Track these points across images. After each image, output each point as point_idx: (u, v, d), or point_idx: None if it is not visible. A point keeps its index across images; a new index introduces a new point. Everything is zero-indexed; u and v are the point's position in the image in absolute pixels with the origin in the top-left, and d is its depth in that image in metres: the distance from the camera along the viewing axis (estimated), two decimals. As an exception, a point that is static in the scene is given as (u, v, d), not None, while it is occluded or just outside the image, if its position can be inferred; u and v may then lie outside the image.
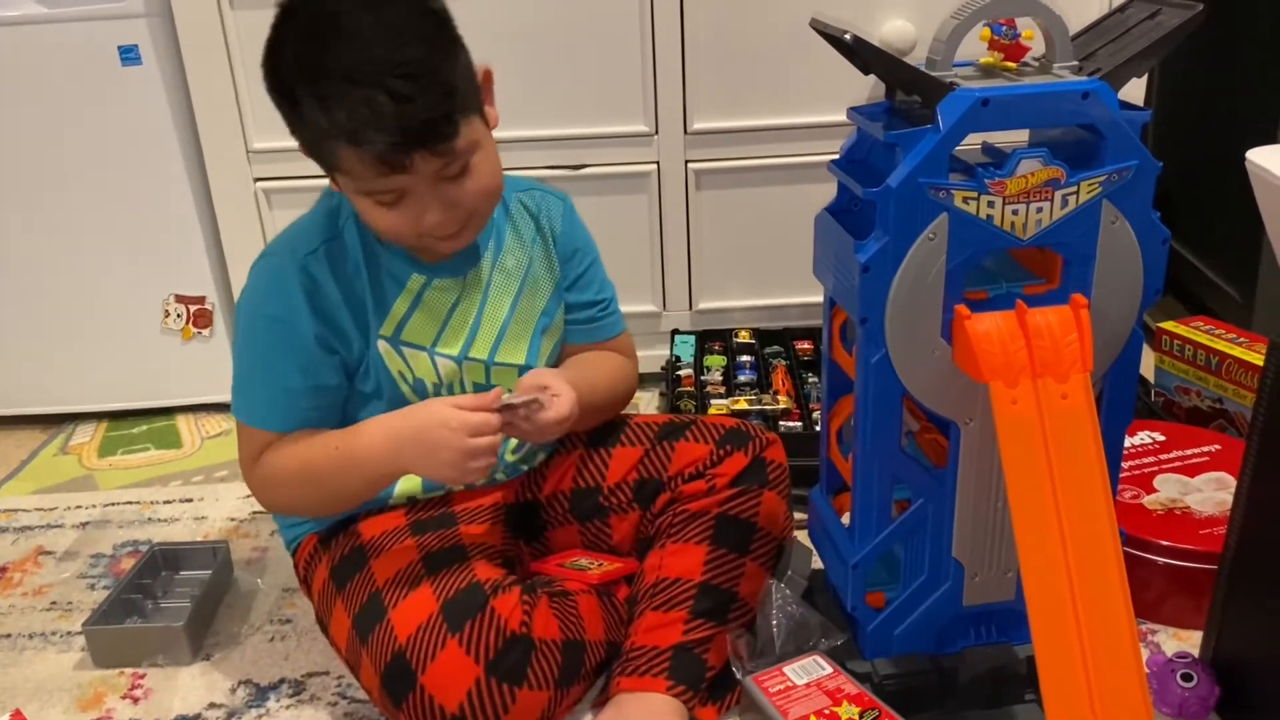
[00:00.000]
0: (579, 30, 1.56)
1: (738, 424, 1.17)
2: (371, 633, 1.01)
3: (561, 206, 1.19)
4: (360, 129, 0.92)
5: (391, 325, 1.09)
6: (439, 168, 0.97)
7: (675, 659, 1.04)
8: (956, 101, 0.87)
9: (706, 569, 1.08)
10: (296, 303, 1.04)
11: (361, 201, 1.00)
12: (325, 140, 0.95)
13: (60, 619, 1.31)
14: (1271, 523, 0.97)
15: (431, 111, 0.93)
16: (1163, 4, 0.96)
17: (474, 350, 1.13)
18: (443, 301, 1.11)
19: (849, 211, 1.00)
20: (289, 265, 1.05)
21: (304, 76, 0.94)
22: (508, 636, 0.98)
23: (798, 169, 1.64)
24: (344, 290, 1.06)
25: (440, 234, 1.02)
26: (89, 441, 1.76)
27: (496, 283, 1.14)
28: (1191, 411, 1.51)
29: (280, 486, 1.09)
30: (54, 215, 1.66)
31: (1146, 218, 0.92)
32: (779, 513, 1.14)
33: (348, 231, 1.07)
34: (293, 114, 0.97)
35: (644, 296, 1.74)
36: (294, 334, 1.05)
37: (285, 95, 0.96)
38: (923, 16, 1.55)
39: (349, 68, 0.92)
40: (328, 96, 0.92)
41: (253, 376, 1.08)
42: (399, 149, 0.93)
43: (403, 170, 0.95)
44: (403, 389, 1.10)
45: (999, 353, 0.88)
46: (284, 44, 0.96)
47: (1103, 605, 0.86)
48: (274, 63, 0.96)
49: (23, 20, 1.56)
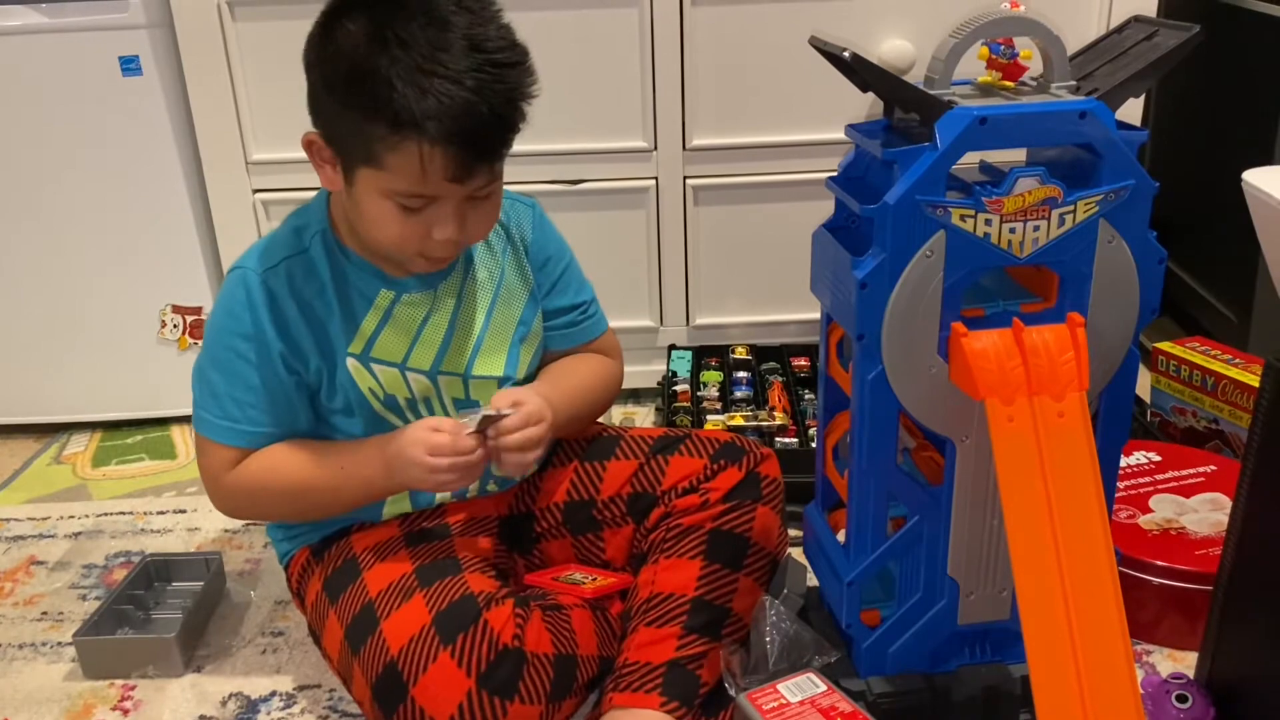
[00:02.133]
0: (579, 45, 1.57)
1: (732, 438, 1.16)
2: (364, 644, 1.00)
3: (531, 213, 1.18)
4: (453, 128, 0.92)
5: (361, 342, 1.08)
6: (479, 186, 0.99)
7: (668, 675, 1.04)
8: (954, 120, 0.87)
9: (700, 584, 1.07)
10: (257, 319, 1.04)
11: (379, 204, 0.99)
12: (396, 128, 0.93)
13: (51, 629, 1.30)
14: (1267, 544, 0.97)
15: (509, 131, 0.97)
16: (1160, 25, 0.96)
17: (448, 364, 1.12)
18: (413, 316, 1.10)
19: (847, 228, 1.00)
20: (250, 281, 1.05)
21: (408, 59, 0.92)
22: (500, 649, 0.98)
23: (796, 186, 1.64)
24: (304, 309, 1.05)
25: (441, 252, 1.03)
26: (83, 451, 1.75)
27: (469, 295, 1.13)
28: (1187, 432, 1.51)
29: (265, 497, 1.09)
30: (52, 224, 1.66)
31: (1143, 237, 0.93)
32: (773, 528, 1.13)
33: (314, 248, 1.07)
34: (362, 93, 0.93)
35: (641, 311, 1.74)
36: (255, 350, 1.05)
37: (365, 71, 0.92)
38: (921, 36, 1.56)
39: (460, 68, 0.92)
40: (430, 87, 0.91)
41: (215, 391, 1.07)
42: (475, 156, 0.95)
43: (464, 178, 0.96)
44: (374, 406, 1.10)
45: (995, 370, 0.88)
46: (379, 21, 0.93)
47: (1098, 625, 0.86)
48: (359, 36, 0.94)
49: (24, 30, 1.56)
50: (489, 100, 0.93)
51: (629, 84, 1.59)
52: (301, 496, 1.09)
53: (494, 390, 1.12)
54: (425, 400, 1.12)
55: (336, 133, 0.99)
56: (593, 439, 1.21)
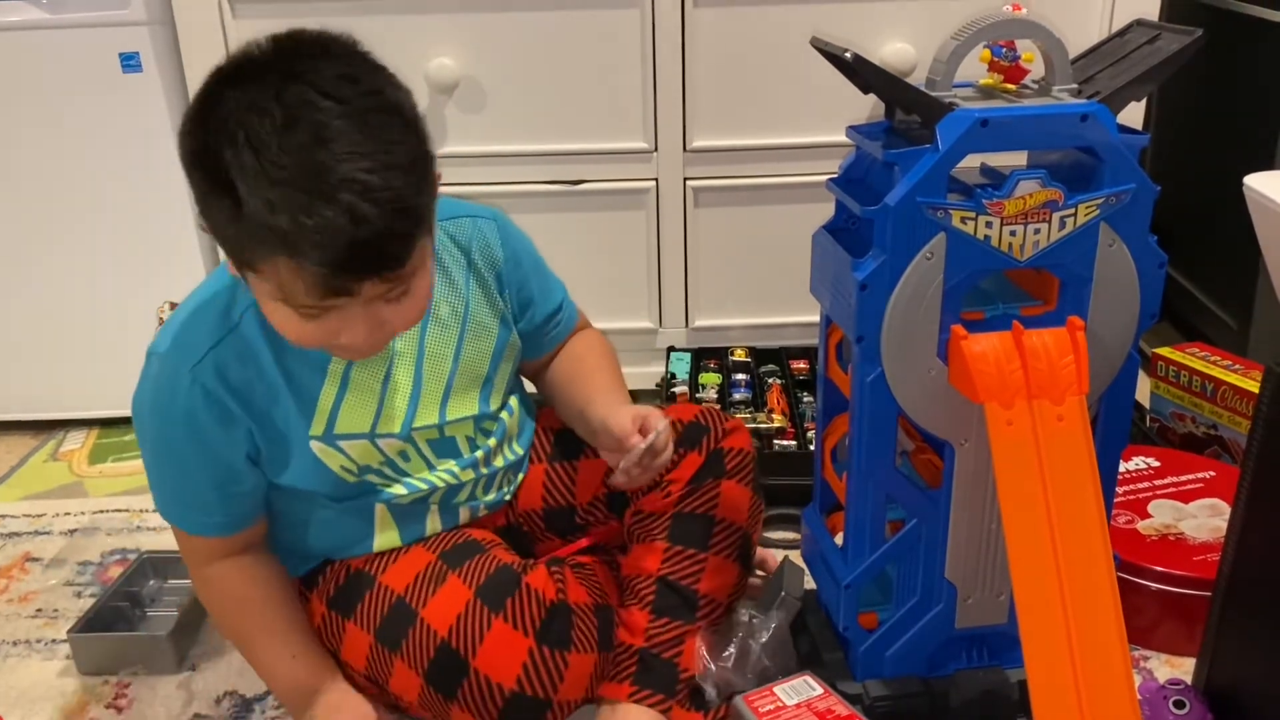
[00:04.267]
0: (580, 45, 1.57)
1: (696, 415, 1.10)
2: (405, 638, 0.99)
3: (495, 227, 1.06)
4: (308, 245, 0.77)
5: (321, 423, 0.98)
6: (383, 292, 0.84)
7: (641, 664, 1.03)
8: (956, 122, 0.87)
9: (664, 565, 1.06)
10: (188, 418, 0.94)
11: (275, 308, 0.85)
12: (256, 242, 0.79)
13: (46, 626, 1.30)
14: (1266, 550, 0.96)
15: (393, 239, 0.80)
16: (1162, 29, 0.96)
17: (420, 419, 1.02)
18: (372, 377, 0.99)
19: (847, 230, 1.00)
20: (180, 383, 0.93)
21: (252, 167, 0.76)
22: (548, 606, 0.99)
23: (796, 188, 1.64)
24: (240, 400, 0.94)
25: (358, 355, 0.93)
26: (79, 448, 1.75)
27: (431, 340, 1.02)
28: (1186, 438, 1.50)
29: (218, 609, 1.08)
30: (50, 220, 1.66)
31: (1143, 241, 0.92)
32: (741, 501, 1.09)
33: (245, 325, 0.94)
34: (218, 201, 0.79)
35: (640, 313, 1.74)
36: (190, 446, 0.96)
37: (217, 180, 0.78)
38: (923, 39, 1.56)
39: (311, 172, 0.76)
40: (278, 200, 0.76)
41: (173, 489, 1.00)
42: (347, 274, 0.79)
43: (345, 294, 0.81)
44: (349, 481, 1.02)
45: (995, 373, 0.88)
46: (229, 117, 0.78)
47: (1096, 630, 0.85)
48: (210, 133, 0.78)
49: (24, 25, 1.56)
50: (351, 208, 0.76)
51: (630, 85, 1.59)
52: (241, 639, 1.08)
53: (470, 428, 1.06)
54: (402, 454, 1.04)
55: (214, 228, 0.82)
56: (559, 430, 1.16)
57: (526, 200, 1.61)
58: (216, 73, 0.82)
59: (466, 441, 1.08)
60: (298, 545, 1.07)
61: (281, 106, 0.77)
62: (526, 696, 0.97)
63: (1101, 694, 0.85)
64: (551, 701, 0.99)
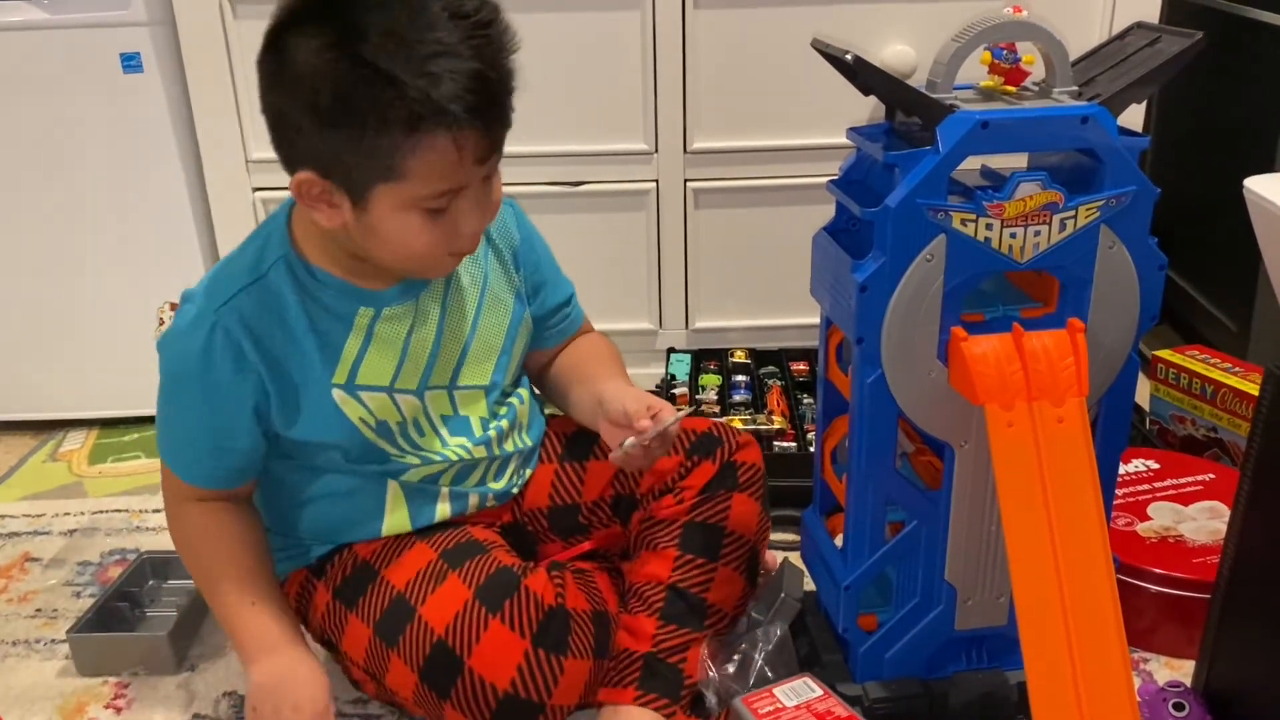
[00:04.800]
0: (581, 47, 1.57)
1: (710, 427, 1.12)
2: (402, 634, 0.99)
3: (512, 213, 1.13)
4: (475, 103, 0.87)
5: (345, 371, 1.01)
6: (494, 162, 0.95)
7: (646, 668, 1.03)
8: (956, 124, 0.87)
9: (675, 572, 1.07)
10: (206, 363, 0.98)
11: (401, 219, 0.92)
12: (414, 127, 0.86)
13: (45, 626, 1.30)
14: (1265, 553, 0.96)
15: (512, 92, 0.93)
16: (1163, 32, 0.96)
17: (434, 379, 1.06)
18: (396, 332, 1.03)
19: (847, 231, 1.00)
20: (203, 325, 0.97)
21: (401, 50, 0.85)
22: (546, 609, 0.99)
23: (797, 190, 1.64)
24: (260, 345, 0.98)
25: (470, 245, 0.98)
26: (79, 449, 1.75)
27: (454, 303, 1.07)
28: (1186, 440, 1.50)
29: (184, 544, 1.08)
30: (50, 220, 1.66)
31: (1144, 243, 0.92)
32: (751, 514, 1.10)
33: (274, 274, 0.99)
34: (360, 107, 0.86)
35: (640, 314, 1.74)
36: (201, 394, 0.99)
37: (357, 81, 0.85)
38: (924, 41, 1.56)
39: (454, 41, 0.86)
40: (439, 69, 0.85)
41: (168, 422, 1.04)
42: (497, 126, 0.91)
43: (489, 154, 0.92)
44: (365, 433, 1.04)
45: (995, 375, 0.88)
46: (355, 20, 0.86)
47: (1095, 632, 0.85)
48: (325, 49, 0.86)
49: (25, 25, 1.56)
50: (492, 64, 0.89)
51: (630, 86, 1.59)
52: (204, 580, 1.07)
53: (481, 399, 1.10)
54: (415, 422, 1.06)
55: (336, 161, 0.89)
56: (571, 434, 1.18)
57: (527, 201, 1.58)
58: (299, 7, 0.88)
59: (479, 422, 1.10)
60: (309, 524, 1.09)
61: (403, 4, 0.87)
62: (519, 699, 0.97)
63: (1101, 696, 0.85)
64: (545, 705, 0.98)
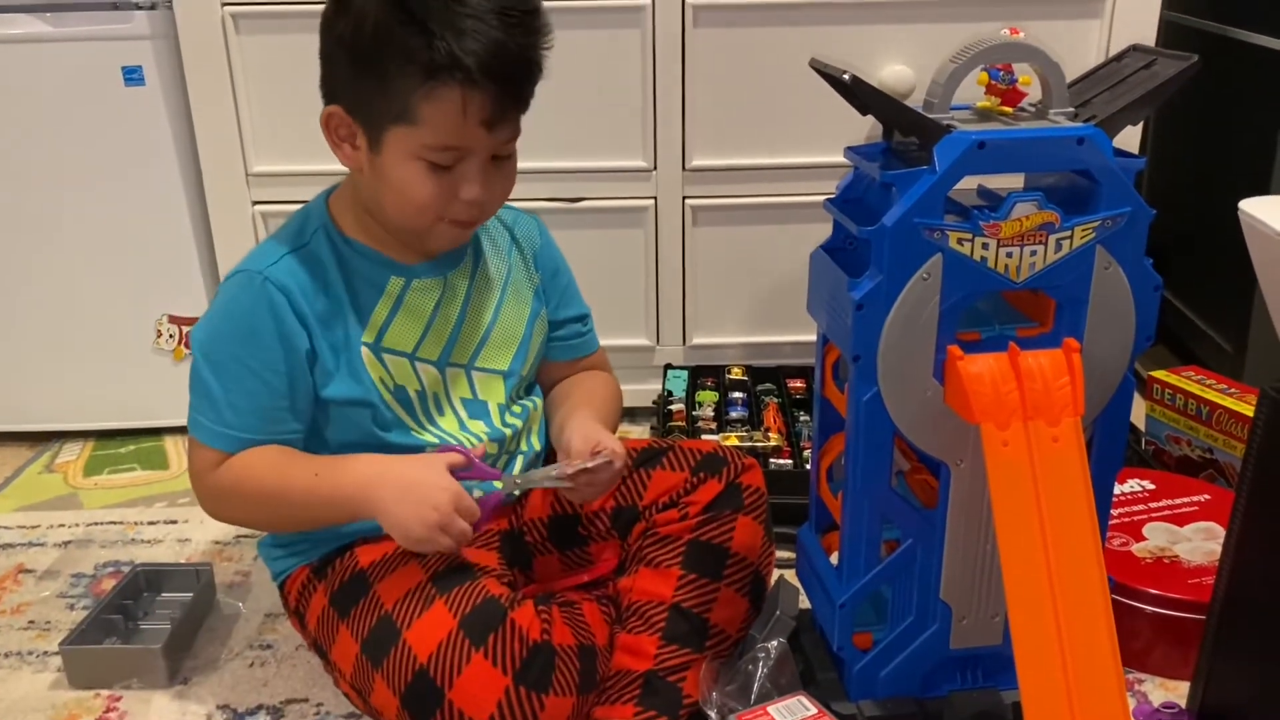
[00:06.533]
0: (581, 64, 1.58)
1: (715, 448, 1.14)
2: (386, 655, 0.99)
3: (535, 224, 1.21)
4: (492, 65, 0.94)
5: (373, 332, 1.08)
6: (505, 139, 1.01)
7: (646, 685, 1.03)
8: (953, 143, 0.88)
9: (678, 591, 1.07)
10: (258, 322, 1.03)
11: (408, 166, 1.00)
12: (433, 73, 0.94)
13: (38, 638, 1.29)
14: (1260, 574, 0.96)
15: (534, 74, 0.99)
16: (1158, 54, 0.97)
17: (455, 355, 1.12)
18: (424, 303, 1.10)
19: (844, 250, 1.00)
20: (252, 283, 1.03)
21: (444, 5, 0.94)
22: (531, 646, 0.98)
23: (795, 208, 1.64)
24: (308, 302, 1.04)
25: (466, 214, 1.04)
26: (75, 460, 1.75)
27: (479, 287, 1.14)
28: (1182, 461, 1.51)
29: (241, 500, 1.07)
30: (50, 231, 1.66)
31: (1139, 264, 0.93)
32: (755, 538, 1.11)
33: (316, 242, 1.06)
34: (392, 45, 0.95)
35: (638, 330, 1.74)
36: (254, 355, 1.03)
37: (395, 22, 0.94)
38: (921, 62, 1.57)
39: (485, 9, 0.95)
40: (466, 27, 0.94)
41: (210, 395, 1.05)
42: (510, 97, 0.98)
43: (498, 122, 0.98)
44: (384, 394, 1.08)
45: (991, 394, 0.89)
46: None
47: (1090, 652, 0.85)
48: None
49: (27, 38, 1.57)
50: (517, 40, 0.96)
51: (630, 103, 1.60)
52: (276, 502, 1.06)
53: (499, 384, 1.13)
54: (434, 397, 1.11)
55: (362, 98, 0.99)
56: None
57: (526, 217, 1.62)
58: None
59: (498, 409, 1.14)
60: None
61: None
62: None
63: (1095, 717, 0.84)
64: None
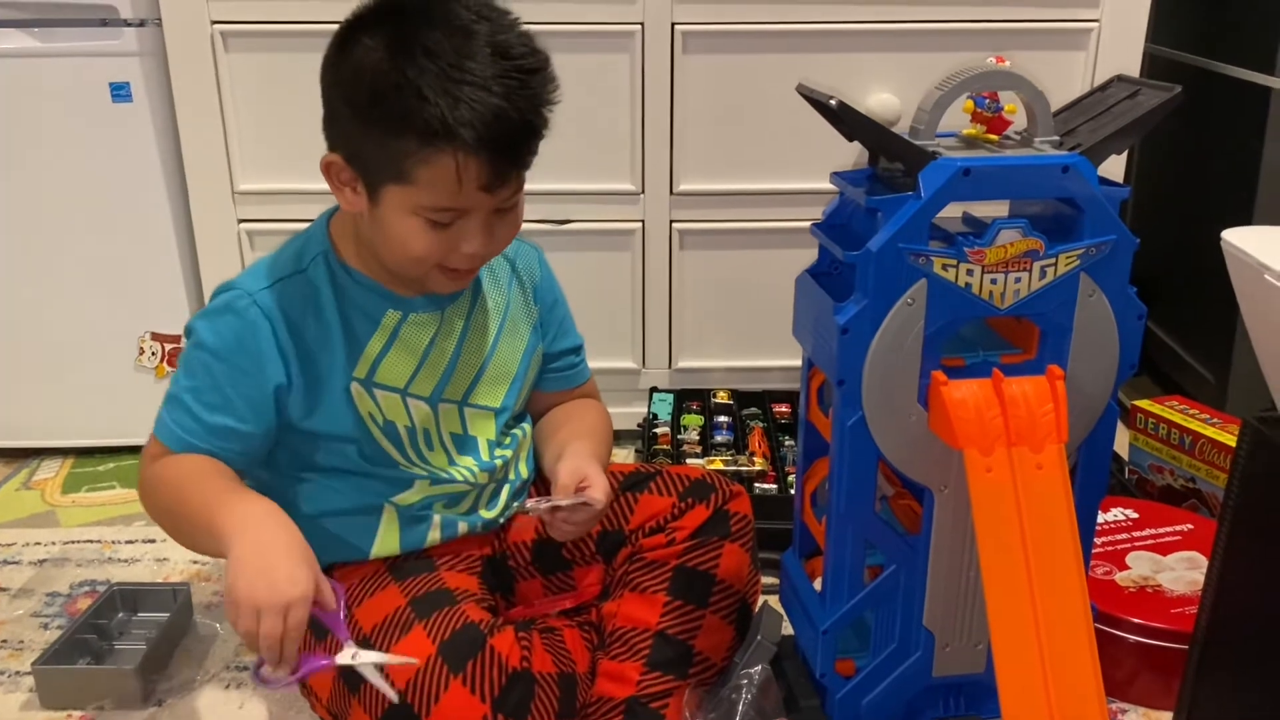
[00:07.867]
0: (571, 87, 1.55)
1: (703, 475, 1.15)
2: (363, 682, 0.97)
3: (536, 255, 1.19)
4: (487, 135, 0.92)
5: (365, 366, 1.05)
6: (508, 195, 0.99)
7: (628, 713, 1.02)
8: (938, 170, 0.88)
9: (663, 618, 1.06)
10: (239, 342, 1.01)
11: (406, 221, 0.97)
12: (428, 140, 0.92)
13: (10, 658, 1.27)
14: (1243, 604, 0.96)
15: (536, 137, 0.98)
16: (1142, 85, 0.98)
17: (449, 391, 1.09)
18: (419, 338, 1.08)
19: (830, 274, 1.01)
20: (239, 304, 1.01)
21: (435, 68, 0.91)
22: (510, 673, 0.97)
23: (781, 233, 1.65)
24: (294, 332, 1.02)
25: (467, 265, 1.02)
26: (53, 477, 1.73)
27: (476, 322, 1.11)
28: (1165, 490, 1.51)
29: (155, 500, 1.04)
30: (33, 247, 1.65)
31: (1123, 292, 0.93)
32: (742, 566, 1.11)
33: (314, 269, 1.04)
34: (389, 107, 0.92)
35: (623, 353, 1.74)
36: (226, 372, 1.01)
37: (391, 85, 0.92)
38: (908, 89, 1.58)
39: (487, 75, 0.92)
40: (462, 95, 0.91)
41: (178, 396, 1.03)
42: (508, 163, 0.96)
43: (496, 187, 0.96)
44: (372, 430, 1.06)
45: (975, 420, 0.88)
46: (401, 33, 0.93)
47: (1073, 681, 0.85)
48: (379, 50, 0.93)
49: (15, 54, 1.56)
50: (518, 106, 0.94)
51: (619, 127, 1.60)
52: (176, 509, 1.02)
53: (491, 421, 1.11)
54: (425, 432, 1.09)
55: (360, 152, 0.97)
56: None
57: (512, 239, 1.62)
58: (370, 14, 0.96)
59: (487, 445, 1.12)
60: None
61: (449, 28, 0.93)
62: None
63: (1078, 746, 0.84)
64: None
